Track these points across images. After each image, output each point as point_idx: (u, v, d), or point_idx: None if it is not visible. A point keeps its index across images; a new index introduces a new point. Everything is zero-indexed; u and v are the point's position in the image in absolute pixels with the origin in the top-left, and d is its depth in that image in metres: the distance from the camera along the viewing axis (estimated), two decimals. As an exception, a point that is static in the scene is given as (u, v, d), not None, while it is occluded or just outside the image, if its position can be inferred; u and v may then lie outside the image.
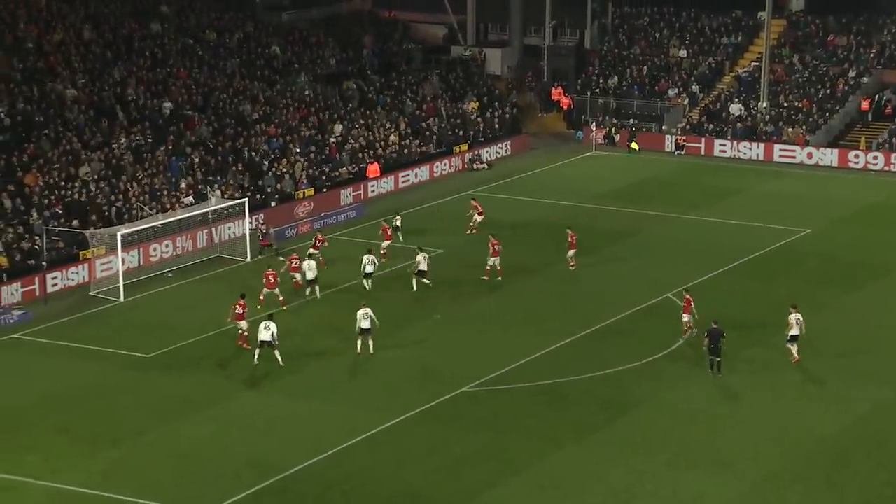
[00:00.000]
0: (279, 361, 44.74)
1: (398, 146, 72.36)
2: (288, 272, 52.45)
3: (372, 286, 52.08)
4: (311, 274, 51.76)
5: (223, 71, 73.41)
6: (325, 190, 66.14)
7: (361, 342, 45.91)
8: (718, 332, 44.20)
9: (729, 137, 77.97)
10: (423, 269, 52.62)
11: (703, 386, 43.66)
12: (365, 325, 45.74)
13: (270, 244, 58.61)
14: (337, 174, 67.98)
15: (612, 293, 52.80)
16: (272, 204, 63.06)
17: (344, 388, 43.86)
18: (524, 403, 42.27)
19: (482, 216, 60.68)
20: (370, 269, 52.49)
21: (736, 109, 79.92)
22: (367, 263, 52.43)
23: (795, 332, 44.90)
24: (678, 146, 78.30)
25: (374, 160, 69.66)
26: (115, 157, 61.41)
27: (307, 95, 74.53)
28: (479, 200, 62.35)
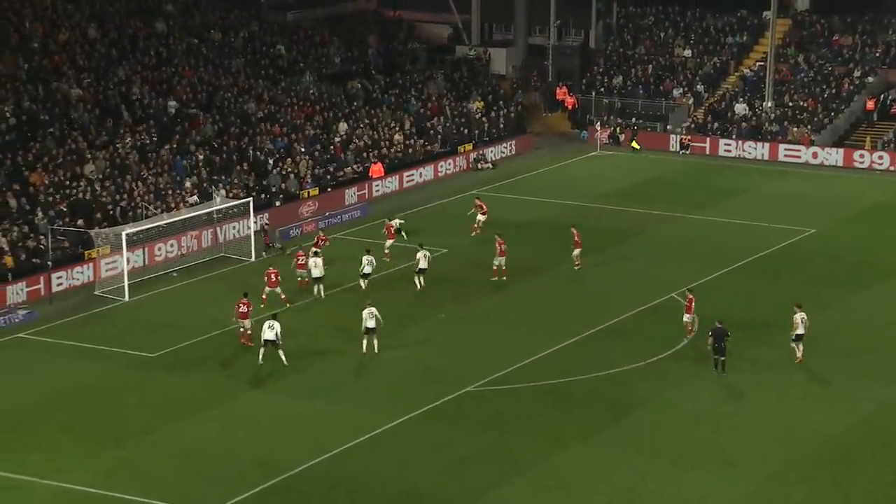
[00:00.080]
0: (283, 361, 44.76)
1: (403, 145, 72.32)
2: (295, 268, 52.48)
3: (371, 287, 51.94)
4: (316, 272, 51.68)
5: (228, 70, 73.42)
6: (329, 189, 66.15)
7: (367, 341, 45.94)
8: (723, 331, 44.15)
9: (734, 137, 77.83)
10: (423, 266, 52.58)
11: (707, 386, 43.62)
12: (371, 324, 45.72)
13: (272, 243, 58.60)
14: (342, 174, 67.98)
15: (616, 293, 52.75)
16: (277, 203, 63.09)
17: (348, 387, 43.85)
18: (529, 403, 42.23)
19: (486, 215, 60.48)
20: (368, 269, 52.39)
21: (741, 109, 79.77)
22: (365, 264, 52.36)
23: (800, 331, 44.89)
24: (683, 146, 78.17)
25: (377, 160, 69.65)
26: (120, 156, 61.45)
27: (312, 95, 74.52)
28: (483, 200, 62.21)
